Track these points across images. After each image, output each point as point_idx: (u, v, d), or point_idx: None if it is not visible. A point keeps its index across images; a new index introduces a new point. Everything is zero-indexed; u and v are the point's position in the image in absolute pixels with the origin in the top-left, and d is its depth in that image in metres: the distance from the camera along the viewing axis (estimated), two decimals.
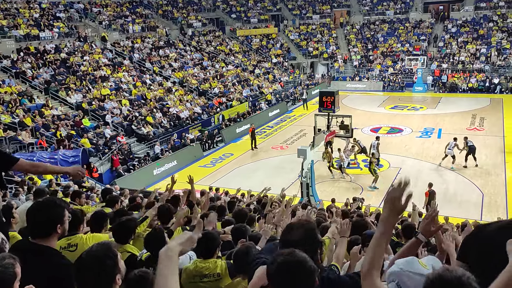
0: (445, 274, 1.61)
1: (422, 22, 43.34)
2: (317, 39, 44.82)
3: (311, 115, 23.98)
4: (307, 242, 2.32)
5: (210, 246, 3.89)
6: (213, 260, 3.83)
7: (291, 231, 2.42)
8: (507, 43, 37.50)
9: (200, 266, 3.79)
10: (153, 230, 4.16)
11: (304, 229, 2.40)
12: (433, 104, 31.94)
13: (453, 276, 1.59)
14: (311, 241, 2.37)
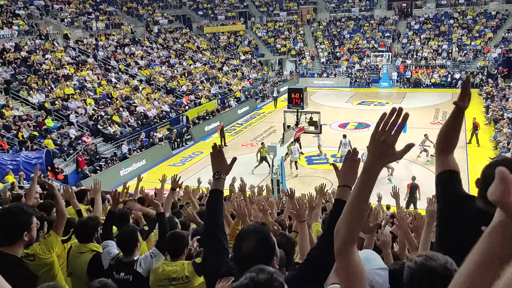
0: (429, 262, 1.60)
1: (386, 19, 44.22)
2: (285, 36, 45.05)
3: (280, 112, 24.11)
4: (260, 251, 2.09)
5: (178, 246, 3.83)
6: (180, 263, 3.78)
7: (241, 241, 2.14)
8: (467, 39, 38.76)
9: (167, 270, 3.73)
10: (125, 228, 4.07)
11: (255, 237, 2.12)
12: (399, 99, 32.67)
13: (438, 264, 1.59)
14: (267, 251, 2.12)
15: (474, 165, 18.60)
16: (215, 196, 2.55)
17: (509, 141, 19.45)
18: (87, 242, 4.12)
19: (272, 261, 2.11)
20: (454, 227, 2.18)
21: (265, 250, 2.11)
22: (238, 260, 2.14)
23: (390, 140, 1.51)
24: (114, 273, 3.72)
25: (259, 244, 2.11)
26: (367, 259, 2.07)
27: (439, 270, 1.57)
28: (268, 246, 2.14)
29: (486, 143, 21.35)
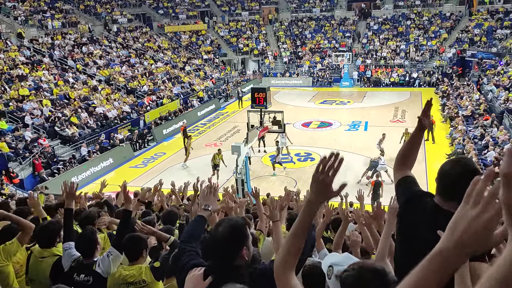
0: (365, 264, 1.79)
1: (346, 20, 45.03)
2: (247, 36, 45.04)
3: (244, 112, 24.05)
4: (232, 239, 2.25)
5: (135, 249, 3.75)
6: (137, 267, 3.70)
7: (218, 227, 2.33)
8: (424, 39, 40.04)
9: (124, 274, 3.65)
10: (84, 231, 3.99)
11: (230, 225, 2.30)
12: (359, 98, 33.32)
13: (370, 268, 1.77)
14: (237, 238, 2.28)
15: (432, 161, 19.20)
16: (200, 219, 2.83)
17: (464, 138, 20.19)
18: (48, 247, 4.03)
19: (241, 250, 2.25)
20: (412, 222, 2.26)
21: (237, 237, 2.26)
22: (209, 245, 2.31)
23: (327, 180, 1.70)
24: (74, 275, 3.65)
25: (232, 230, 2.26)
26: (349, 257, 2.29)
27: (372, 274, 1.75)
28: (240, 235, 2.28)
29: (443, 140, 22.09)
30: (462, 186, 1.17)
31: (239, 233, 2.29)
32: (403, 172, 2.54)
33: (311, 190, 1.77)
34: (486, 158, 17.64)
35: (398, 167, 2.60)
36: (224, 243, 2.23)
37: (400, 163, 2.60)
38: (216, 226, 2.34)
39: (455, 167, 2.17)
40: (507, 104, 23.19)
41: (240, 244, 2.28)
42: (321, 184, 1.71)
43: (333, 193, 1.74)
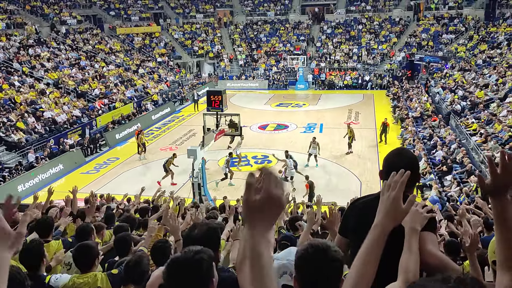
0: (314, 242, 1.90)
1: (300, 23, 45.65)
2: (202, 38, 44.68)
3: (199, 115, 23.76)
4: (208, 241, 2.34)
5: (87, 258, 3.65)
6: (91, 274, 3.58)
7: (194, 229, 2.47)
8: (375, 43, 41.25)
9: (78, 282, 3.50)
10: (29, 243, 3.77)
11: (207, 228, 2.47)
12: (315, 101, 33.80)
13: (321, 242, 1.89)
14: (213, 240, 2.43)
15: None
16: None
17: (414, 138, 20.88)
18: None
19: (217, 252, 2.44)
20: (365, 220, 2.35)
21: (214, 238, 2.44)
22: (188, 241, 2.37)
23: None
24: None
25: (210, 231, 2.46)
26: (288, 252, 2.40)
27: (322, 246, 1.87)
28: (217, 237, 2.49)
29: (394, 140, 22.74)
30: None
31: (217, 237, 2.49)
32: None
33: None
34: (434, 157, 18.30)
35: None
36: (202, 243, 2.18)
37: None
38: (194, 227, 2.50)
39: (397, 156, 2.53)
40: (453, 105, 24.23)
41: (217, 245, 2.47)
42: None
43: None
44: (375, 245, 1.70)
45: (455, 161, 17.43)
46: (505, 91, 23.09)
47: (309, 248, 1.86)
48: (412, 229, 2.02)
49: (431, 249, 2.10)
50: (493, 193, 1.74)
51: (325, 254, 1.84)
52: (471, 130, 20.02)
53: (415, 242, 1.99)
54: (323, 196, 8.62)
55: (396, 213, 1.75)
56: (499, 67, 27.54)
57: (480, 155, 17.02)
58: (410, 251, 1.96)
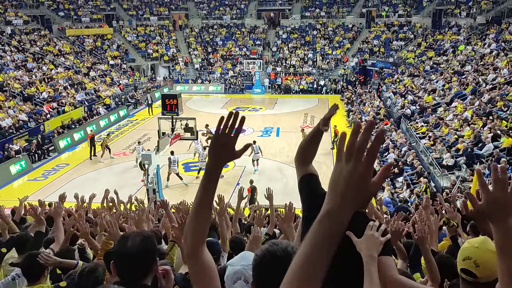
0: (272, 247, 1.75)
1: (256, 28, 45.87)
2: (157, 41, 43.89)
3: (154, 119, 23.26)
4: (144, 254, 2.15)
5: (37, 268, 3.48)
6: (39, 286, 3.44)
7: (126, 241, 2.16)
8: (329, 49, 42.09)
9: None
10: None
11: (140, 239, 2.17)
12: (271, 105, 33.98)
13: (279, 248, 1.74)
14: (149, 252, 2.19)
15: None
16: None
17: None
18: None
19: (154, 264, 2.18)
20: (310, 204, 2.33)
21: (150, 250, 2.18)
22: (120, 260, 2.14)
23: (231, 143, 1.65)
24: None
25: (144, 242, 2.16)
26: (242, 257, 2.35)
27: (280, 253, 1.73)
28: (152, 248, 2.22)
29: None
30: None
31: (152, 250, 2.22)
32: (305, 167, 2.52)
33: (210, 155, 1.70)
34: (386, 159, 18.79)
35: (299, 161, 2.58)
36: (137, 259, 2.11)
37: (300, 158, 2.58)
38: (127, 240, 2.17)
39: None
40: (404, 110, 25.05)
41: (153, 259, 2.20)
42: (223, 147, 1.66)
43: (236, 155, 1.68)
44: (323, 241, 1.15)
45: (406, 163, 17.98)
46: (451, 96, 24.15)
47: (267, 255, 1.76)
48: (369, 256, 1.85)
49: (393, 275, 1.98)
50: (491, 216, 1.51)
51: (284, 263, 1.68)
52: (420, 133, 20.76)
53: (375, 271, 1.82)
54: (281, 201, 8.59)
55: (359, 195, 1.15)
56: (445, 73, 28.83)
57: (429, 157, 17.65)
58: (371, 282, 1.78)
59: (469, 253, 2.15)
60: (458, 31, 37.38)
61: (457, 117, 20.79)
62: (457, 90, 24.64)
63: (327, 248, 1.14)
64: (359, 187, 1.13)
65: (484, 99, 21.49)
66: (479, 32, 35.38)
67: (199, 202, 1.73)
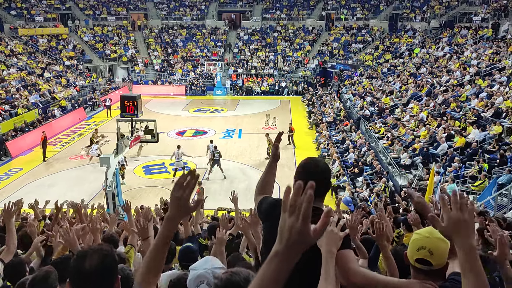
0: (234, 277, 1.76)
1: (217, 29, 45.65)
2: (115, 42, 42.82)
3: (113, 121, 22.67)
4: (104, 273, 1.94)
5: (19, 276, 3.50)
6: None
7: (83, 260, 1.94)
8: (290, 51, 42.47)
9: None
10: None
11: (98, 258, 1.94)
12: (233, 107, 33.89)
13: (241, 278, 1.75)
14: (108, 272, 1.97)
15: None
16: None
17: (328, 142, 21.69)
18: None
19: (116, 281, 2.02)
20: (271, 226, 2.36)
21: (109, 271, 1.99)
22: (77, 280, 1.94)
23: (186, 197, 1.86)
24: None
25: (103, 263, 1.96)
26: (205, 261, 2.39)
27: (242, 283, 1.73)
28: (113, 265, 2.04)
29: (310, 144, 23.47)
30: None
31: (114, 266, 2.03)
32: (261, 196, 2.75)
33: (170, 207, 1.89)
34: (347, 160, 19.12)
35: (259, 193, 2.81)
36: (98, 277, 1.92)
37: (260, 191, 2.83)
38: (84, 258, 1.96)
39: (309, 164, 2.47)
40: (363, 111, 25.60)
41: (115, 276, 2.02)
42: (179, 201, 1.85)
43: (191, 209, 1.89)
44: (272, 276, 1.35)
45: (366, 163, 18.36)
46: (408, 98, 24.92)
47: (229, 285, 1.76)
48: (328, 252, 1.91)
49: (354, 267, 2.04)
50: (453, 235, 1.68)
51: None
52: (379, 134, 21.27)
53: (332, 267, 1.88)
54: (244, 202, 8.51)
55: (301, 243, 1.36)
56: (402, 75, 29.73)
57: (387, 157, 18.09)
58: (327, 276, 1.84)
59: (422, 243, 2.22)
60: (414, 35, 38.66)
61: (413, 118, 21.45)
62: (413, 92, 25.46)
63: (275, 282, 1.34)
64: (300, 238, 1.33)
65: (438, 100, 22.29)
66: (433, 35, 36.75)
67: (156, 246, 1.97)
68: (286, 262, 1.35)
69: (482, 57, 26.28)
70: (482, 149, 15.57)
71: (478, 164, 14.38)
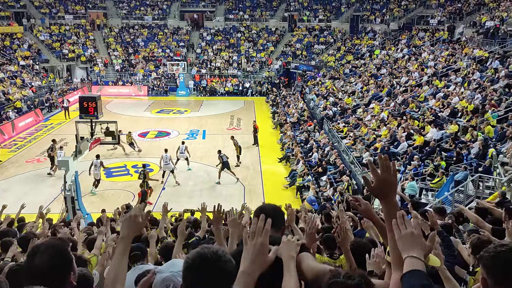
0: (203, 250, 1.82)
1: (180, 29, 45.10)
2: (73, 41, 41.48)
3: (72, 123, 21.98)
4: (56, 269, 2.00)
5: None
6: None
7: (34, 256, 2.00)
8: (253, 51, 42.51)
9: None
10: None
11: (49, 253, 2.00)
12: (196, 107, 33.56)
13: (210, 251, 1.81)
14: (59, 268, 2.02)
15: (266, 165, 20.35)
16: None
17: (292, 142, 21.84)
18: None
19: (68, 277, 2.04)
20: None
21: (62, 264, 2.04)
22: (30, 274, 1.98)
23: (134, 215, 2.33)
24: None
25: (54, 260, 2.00)
26: (171, 264, 2.40)
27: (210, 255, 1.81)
28: (65, 261, 2.07)
29: (275, 145, 23.55)
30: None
31: (65, 261, 2.05)
32: None
33: (122, 228, 2.11)
34: (311, 160, 19.29)
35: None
36: (48, 273, 1.95)
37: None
38: (35, 253, 2.00)
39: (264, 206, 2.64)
40: (326, 111, 25.94)
41: (67, 271, 2.05)
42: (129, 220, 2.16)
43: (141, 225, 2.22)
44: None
45: (329, 162, 18.58)
46: (369, 98, 25.45)
47: (197, 258, 1.81)
48: (289, 256, 2.03)
49: (308, 263, 2.17)
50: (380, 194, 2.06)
51: (214, 265, 1.79)
52: (342, 134, 21.60)
53: (293, 266, 2.04)
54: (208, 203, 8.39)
55: (263, 260, 1.89)
56: (363, 76, 30.35)
57: (350, 156, 18.38)
58: (289, 273, 2.00)
59: None
60: (374, 36, 39.57)
61: (374, 117, 21.92)
62: (374, 92, 26.03)
63: None
64: (260, 259, 1.86)
65: (398, 100, 22.88)
66: (392, 37, 37.74)
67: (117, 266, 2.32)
68: (250, 277, 1.81)
69: (438, 59, 27.21)
70: (439, 147, 16.07)
71: (433, 163, 14.86)
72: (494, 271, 1.84)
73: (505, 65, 20.89)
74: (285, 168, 19.97)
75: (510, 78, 19.14)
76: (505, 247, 1.90)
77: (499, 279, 1.81)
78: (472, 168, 13.21)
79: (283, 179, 18.50)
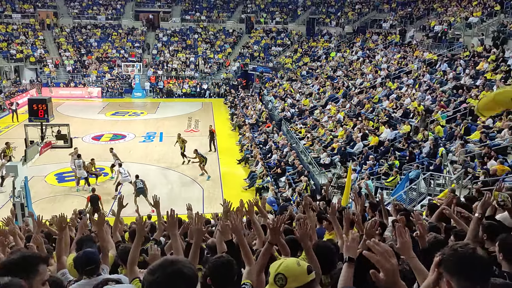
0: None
1: (135, 30, 44.14)
2: (21, 41, 39.66)
3: (20, 126, 21.01)
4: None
5: None
6: None
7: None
8: (211, 53, 42.25)
9: None
10: None
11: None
12: (153, 109, 32.93)
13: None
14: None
15: (225, 166, 20.24)
16: None
17: (251, 144, 21.85)
18: None
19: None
20: None
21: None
22: None
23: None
24: None
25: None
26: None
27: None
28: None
29: (233, 146, 23.47)
30: None
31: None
32: None
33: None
34: (270, 161, 19.37)
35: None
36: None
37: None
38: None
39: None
40: (284, 112, 26.15)
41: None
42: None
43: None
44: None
45: (288, 163, 18.72)
46: (326, 99, 25.90)
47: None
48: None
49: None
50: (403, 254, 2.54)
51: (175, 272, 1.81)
52: (300, 135, 21.83)
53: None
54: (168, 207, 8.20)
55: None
56: (320, 78, 30.85)
57: (308, 156, 18.60)
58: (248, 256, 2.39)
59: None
60: (330, 39, 40.33)
61: (331, 118, 22.31)
62: (331, 94, 26.51)
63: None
64: None
65: (353, 101, 23.40)
66: (347, 40, 38.60)
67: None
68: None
69: (391, 61, 28.08)
70: (393, 147, 16.57)
71: (388, 162, 15.31)
72: (458, 270, 1.86)
73: (453, 68, 21.85)
74: (244, 169, 19.94)
75: (458, 80, 20.04)
76: (459, 244, 1.94)
77: (463, 277, 1.84)
78: (423, 166, 13.70)
79: (242, 181, 18.47)
